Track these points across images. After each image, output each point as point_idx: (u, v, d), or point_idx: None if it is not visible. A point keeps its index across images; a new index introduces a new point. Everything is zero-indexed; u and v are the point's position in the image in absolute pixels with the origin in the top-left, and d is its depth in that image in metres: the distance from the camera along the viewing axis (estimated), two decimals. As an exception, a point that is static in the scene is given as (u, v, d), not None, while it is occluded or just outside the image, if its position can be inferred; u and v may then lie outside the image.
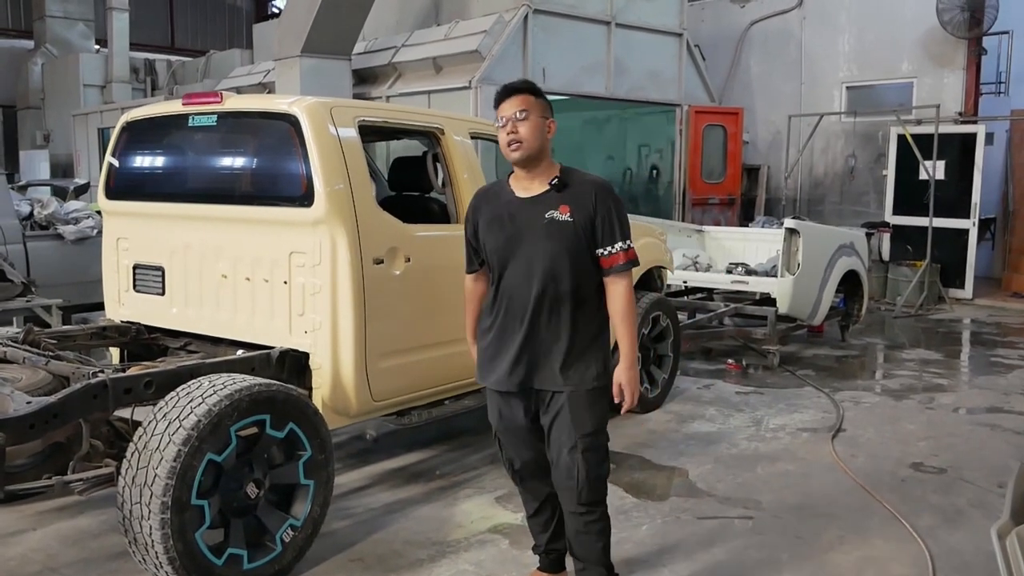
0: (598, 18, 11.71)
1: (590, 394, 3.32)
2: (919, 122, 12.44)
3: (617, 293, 3.32)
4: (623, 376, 3.33)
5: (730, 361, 8.26)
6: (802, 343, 9.27)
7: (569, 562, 3.66)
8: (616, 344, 3.37)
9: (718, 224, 12.18)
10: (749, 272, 8.77)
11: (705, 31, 14.81)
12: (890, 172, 12.73)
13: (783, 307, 8.12)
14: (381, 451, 5.48)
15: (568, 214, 3.26)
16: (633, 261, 3.32)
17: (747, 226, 11.63)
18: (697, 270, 9.13)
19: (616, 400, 3.35)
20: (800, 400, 6.98)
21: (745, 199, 14.12)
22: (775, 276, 8.29)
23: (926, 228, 11.69)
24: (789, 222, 8.24)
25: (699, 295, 9.23)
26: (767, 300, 8.44)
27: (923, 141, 11.70)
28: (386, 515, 4.56)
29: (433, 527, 4.41)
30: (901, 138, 12.22)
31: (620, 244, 3.28)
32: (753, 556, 4.14)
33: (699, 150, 13.05)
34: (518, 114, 3.28)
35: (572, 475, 3.32)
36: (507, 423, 3.49)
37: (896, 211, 12.61)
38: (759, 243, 9.60)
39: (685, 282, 9.08)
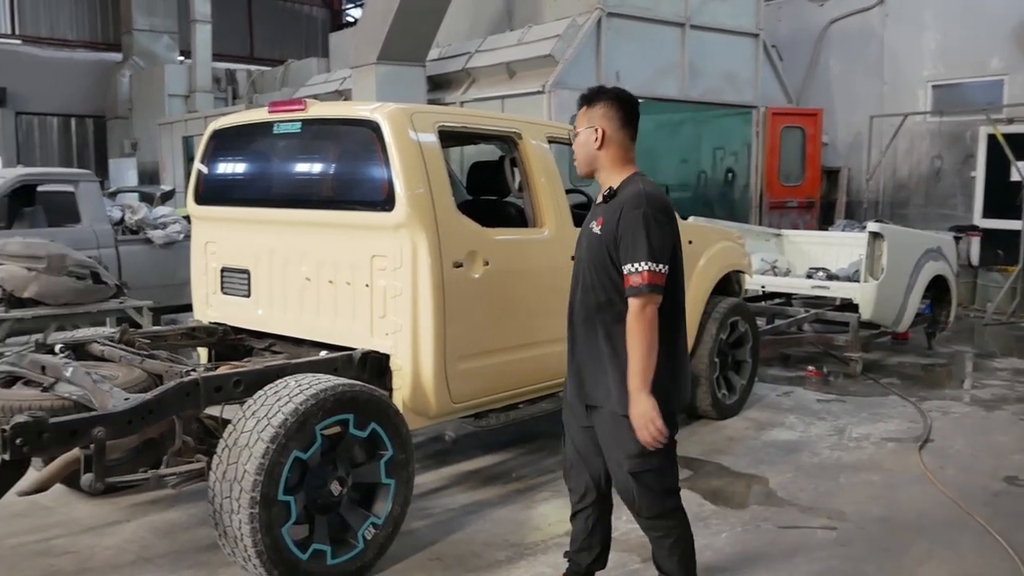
0: (672, 20, 11.64)
1: (624, 418, 3.11)
2: (1010, 121, 12.00)
3: (628, 316, 3.08)
4: (631, 413, 3.06)
5: (810, 368, 8.12)
6: (886, 350, 9.06)
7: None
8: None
9: (796, 228, 11.97)
10: (830, 277, 8.61)
11: (782, 31, 14.58)
12: (979, 173, 12.32)
13: (866, 313, 7.94)
14: (458, 453, 5.53)
15: (600, 227, 3.20)
16: (648, 287, 3.03)
17: (827, 230, 11.40)
18: (776, 275, 8.99)
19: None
20: (884, 409, 6.82)
21: (824, 202, 13.84)
22: (858, 281, 8.12)
23: (1018, 231, 11.26)
24: (873, 225, 8.05)
25: (777, 300, 9.09)
26: (849, 306, 8.27)
27: (1015, 141, 11.29)
28: (464, 516, 4.60)
29: (511, 529, 4.44)
30: (991, 138, 11.81)
31: (633, 265, 3.05)
32: (837, 568, 4.06)
33: (776, 152, 12.85)
34: (573, 134, 3.34)
35: (626, 490, 3.28)
36: (567, 421, 3.53)
37: (986, 214, 12.19)
38: (840, 247, 9.41)
39: (763, 287, 8.95)
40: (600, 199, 3.29)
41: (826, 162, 13.88)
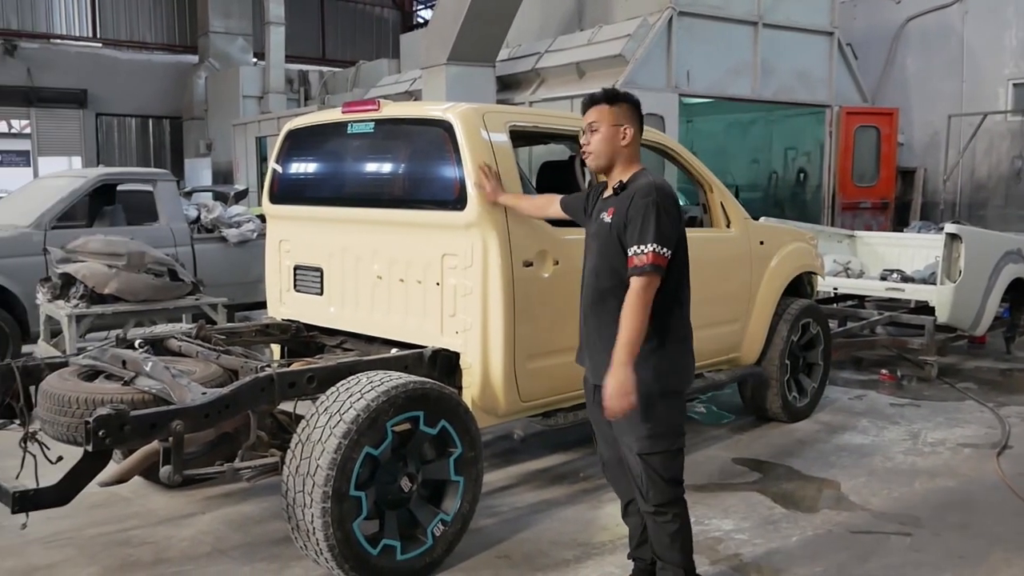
0: (745, 19, 11.51)
1: (639, 399, 3.16)
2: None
3: (628, 293, 3.19)
4: (609, 381, 3.13)
5: (884, 371, 7.95)
6: (962, 354, 8.82)
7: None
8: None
9: (869, 229, 11.73)
10: (906, 279, 8.41)
11: (857, 29, 14.29)
12: (1061, 174, 11.95)
13: (943, 316, 7.75)
14: (525, 452, 5.55)
15: (611, 216, 3.37)
16: (652, 267, 3.15)
17: (902, 231, 11.15)
18: (848, 276, 8.82)
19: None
20: (961, 414, 6.64)
21: (899, 203, 13.54)
22: (934, 283, 7.92)
23: (1102, 234, 10.90)
24: (950, 227, 7.84)
25: (849, 303, 8.91)
26: (924, 309, 8.08)
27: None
28: (531, 514, 4.61)
29: (578, 528, 4.43)
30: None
31: (639, 247, 3.19)
32: (912, 574, 3.97)
33: (850, 152, 12.61)
34: (590, 126, 3.44)
35: (637, 476, 3.35)
36: (590, 412, 3.63)
37: (1068, 215, 11.83)
38: (916, 249, 9.19)
39: (835, 289, 8.78)
40: (609, 192, 3.48)
41: (901, 162, 13.58)
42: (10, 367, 4.09)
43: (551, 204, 4.07)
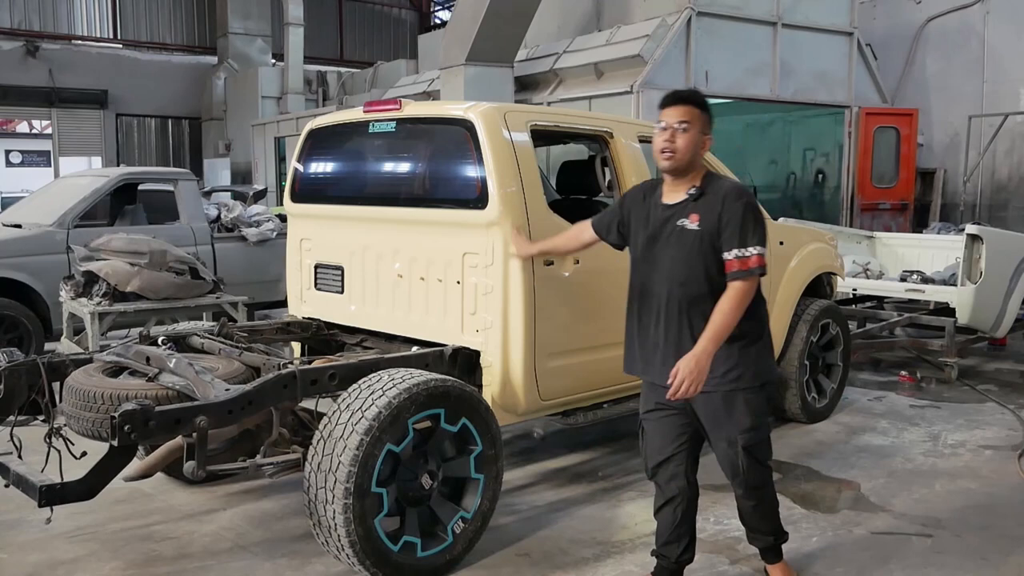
0: (764, 19, 11.47)
1: (742, 393, 3.38)
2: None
3: (731, 291, 3.26)
4: (682, 361, 3.20)
5: (903, 373, 7.91)
6: (983, 356, 8.77)
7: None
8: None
9: (889, 231, 11.67)
10: (926, 280, 8.37)
11: (877, 29, 14.22)
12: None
13: (963, 318, 7.71)
14: (544, 450, 5.56)
15: (697, 223, 3.33)
16: (760, 269, 3.26)
17: (921, 232, 11.09)
18: (868, 277, 8.78)
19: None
20: (981, 416, 6.61)
21: (919, 204, 13.46)
22: (954, 285, 7.88)
23: (1125, 236, 10.80)
24: (971, 227, 7.80)
25: (869, 304, 8.88)
26: (944, 310, 8.04)
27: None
28: (551, 513, 4.62)
29: (597, 527, 4.44)
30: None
31: (743, 250, 3.25)
32: None
33: (869, 153, 12.55)
34: (679, 124, 3.35)
35: (736, 465, 3.46)
36: (655, 412, 3.57)
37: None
38: (935, 250, 9.14)
39: (854, 290, 8.75)
40: (682, 197, 3.40)
41: (921, 163, 13.50)
42: (36, 363, 4.13)
43: (584, 231, 3.92)
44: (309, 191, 5.38)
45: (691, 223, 3.34)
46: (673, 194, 3.44)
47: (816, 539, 4.32)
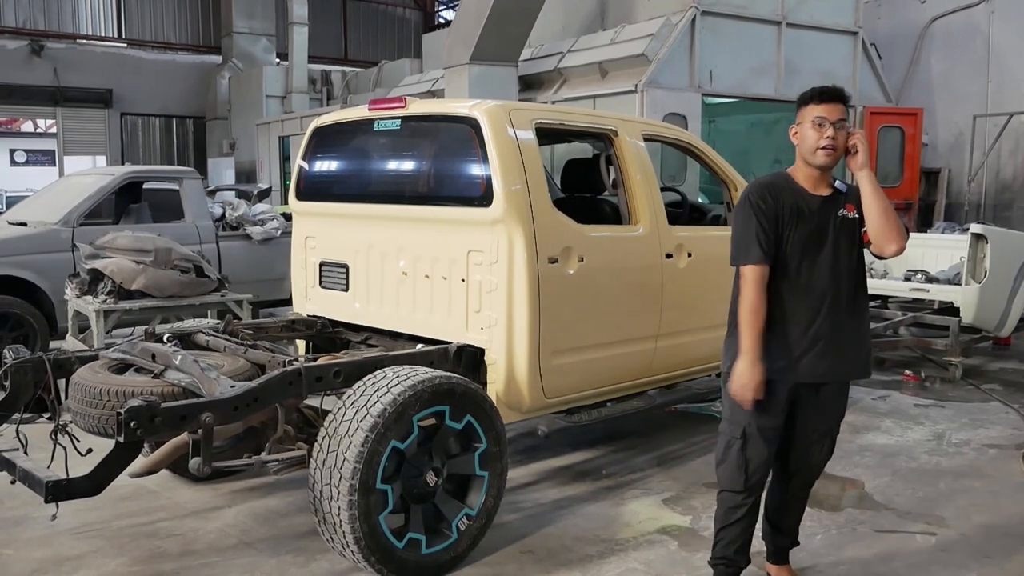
0: (768, 18, 11.45)
1: (846, 386, 3.64)
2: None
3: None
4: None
5: (907, 372, 7.91)
6: (987, 356, 8.76)
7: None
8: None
9: (893, 230, 11.63)
10: (930, 279, 8.36)
11: (881, 29, 14.20)
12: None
13: (967, 317, 7.70)
14: (548, 448, 5.56)
15: (854, 212, 3.44)
16: None
17: (926, 232, 11.07)
18: (872, 276, 8.75)
19: None
20: (985, 415, 6.61)
21: (923, 204, 13.44)
22: (959, 284, 7.87)
23: None
24: (976, 227, 7.80)
25: (873, 303, 8.86)
26: (948, 309, 8.03)
27: None
28: (555, 511, 4.62)
29: (601, 525, 4.44)
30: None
31: None
32: (937, 574, 3.96)
33: (874, 153, 12.51)
34: (839, 124, 3.36)
35: (824, 455, 3.68)
36: (769, 419, 3.44)
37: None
38: (940, 250, 9.10)
39: (859, 289, 8.73)
40: (829, 191, 3.45)
41: (925, 163, 13.47)
42: (42, 360, 4.14)
43: (760, 277, 3.37)
44: (314, 189, 5.38)
45: (849, 213, 3.45)
46: (820, 188, 3.46)
47: (820, 537, 4.32)
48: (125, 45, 23.38)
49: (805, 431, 3.56)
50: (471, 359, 4.43)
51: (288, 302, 5.90)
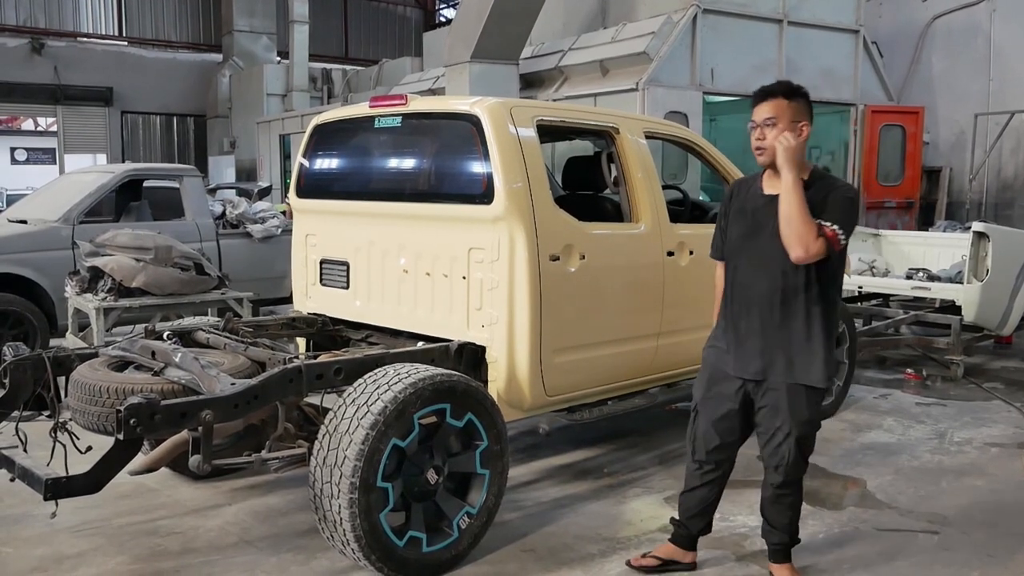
0: (769, 16, 11.46)
1: (810, 390, 3.48)
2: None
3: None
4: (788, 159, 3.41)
5: (909, 371, 7.89)
6: (988, 354, 8.75)
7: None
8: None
9: (894, 229, 11.64)
10: (932, 278, 8.35)
11: (883, 27, 14.19)
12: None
13: (969, 316, 7.69)
14: (549, 447, 5.55)
15: None
16: (826, 237, 3.33)
17: (927, 230, 11.06)
18: (874, 275, 8.76)
19: None
20: (988, 414, 6.59)
21: (924, 203, 13.43)
22: (960, 282, 7.86)
23: None
24: (978, 225, 7.78)
25: (874, 301, 8.86)
26: (950, 308, 8.02)
27: None
28: (556, 509, 4.61)
29: (603, 523, 4.43)
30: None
31: (825, 222, 3.32)
32: (940, 573, 3.95)
33: (875, 151, 12.52)
34: (765, 121, 3.41)
35: (783, 456, 3.53)
36: (715, 400, 3.64)
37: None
38: (941, 248, 9.11)
39: (860, 287, 8.73)
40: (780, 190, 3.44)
41: (927, 161, 13.47)
42: (41, 357, 4.13)
43: (717, 271, 3.84)
44: (315, 186, 5.37)
45: None
46: (776, 186, 3.46)
47: (823, 535, 4.31)
48: (126, 43, 23.39)
49: (761, 427, 3.59)
50: (472, 357, 4.42)
51: (288, 300, 5.89)
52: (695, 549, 3.90)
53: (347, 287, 5.10)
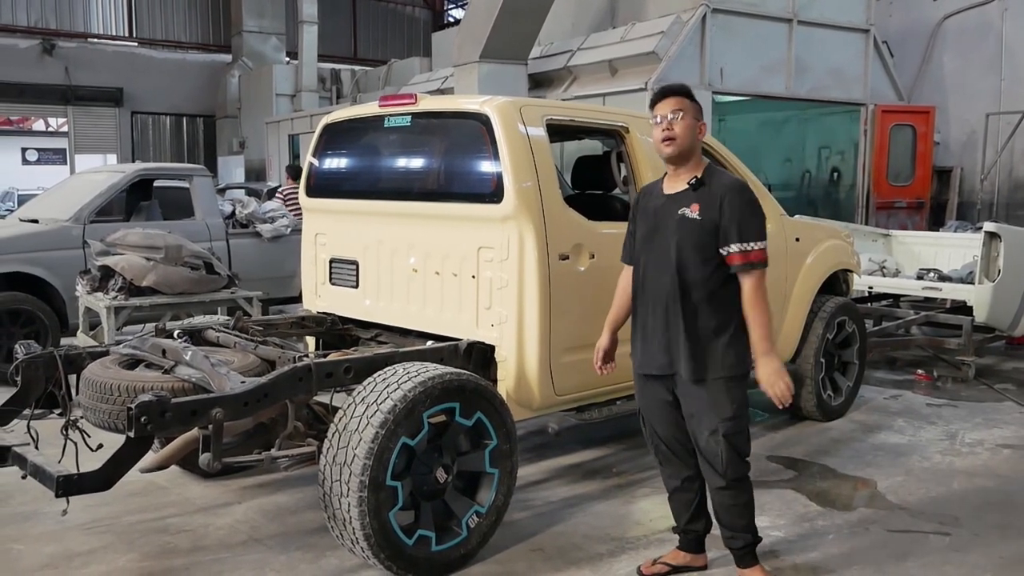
0: (779, 16, 11.43)
1: (725, 382, 3.48)
2: None
3: (748, 289, 3.44)
4: (760, 375, 3.44)
5: (919, 371, 7.86)
6: (1000, 355, 8.71)
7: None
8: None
9: (905, 229, 11.60)
10: (943, 278, 8.32)
11: (893, 26, 14.13)
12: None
13: (980, 316, 7.66)
14: (558, 446, 5.54)
15: (697, 212, 3.47)
16: (753, 264, 3.41)
17: (938, 231, 11.02)
18: (884, 275, 8.73)
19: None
20: (999, 415, 6.56)
21: (935, 203, 13.38)
22: (972, 283, 7.83)
23: None
24: (989, 225, 7.74)
25: (885, 302, 8.83)
26: (961, 308, 7.98)
27: None
28: (564, 509, 4.61)
29: (611, 523, 4.43)
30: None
31: (748, 244, 3.40)
32: (951, 574, 3.93)
33: (885, 151, 12.47)
34: (673, 114, 3.49)
35: (715, 455, 3.51)
36: (649, 401, 3.72)
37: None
38: (952, 248, 9.08)
39: (870, 288, 8.71)
40: (683, 187, 3.54)
41: (937, 161, 13.42)
42: (53, 355, 4.15)
43: (623, 277, 3.88)
44: (324, 185, 5.37)
45: (692, 212, 3.48)
46: (675, 185, 3.58)
47: (832, 536, 4.29)
48: (136, 44, 23.48)
49: (689, 424, 3.60)
50: (481, 356, 4.41)
51: (298, 299, 5.89)
52: (704, 551, 3.90)
53: (356, 286, 5.10)
